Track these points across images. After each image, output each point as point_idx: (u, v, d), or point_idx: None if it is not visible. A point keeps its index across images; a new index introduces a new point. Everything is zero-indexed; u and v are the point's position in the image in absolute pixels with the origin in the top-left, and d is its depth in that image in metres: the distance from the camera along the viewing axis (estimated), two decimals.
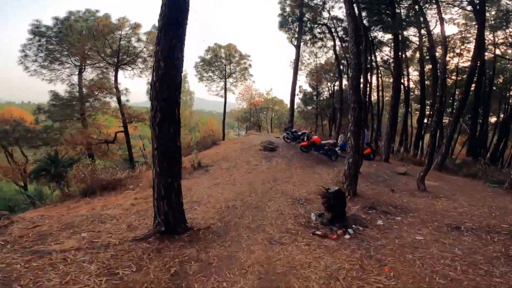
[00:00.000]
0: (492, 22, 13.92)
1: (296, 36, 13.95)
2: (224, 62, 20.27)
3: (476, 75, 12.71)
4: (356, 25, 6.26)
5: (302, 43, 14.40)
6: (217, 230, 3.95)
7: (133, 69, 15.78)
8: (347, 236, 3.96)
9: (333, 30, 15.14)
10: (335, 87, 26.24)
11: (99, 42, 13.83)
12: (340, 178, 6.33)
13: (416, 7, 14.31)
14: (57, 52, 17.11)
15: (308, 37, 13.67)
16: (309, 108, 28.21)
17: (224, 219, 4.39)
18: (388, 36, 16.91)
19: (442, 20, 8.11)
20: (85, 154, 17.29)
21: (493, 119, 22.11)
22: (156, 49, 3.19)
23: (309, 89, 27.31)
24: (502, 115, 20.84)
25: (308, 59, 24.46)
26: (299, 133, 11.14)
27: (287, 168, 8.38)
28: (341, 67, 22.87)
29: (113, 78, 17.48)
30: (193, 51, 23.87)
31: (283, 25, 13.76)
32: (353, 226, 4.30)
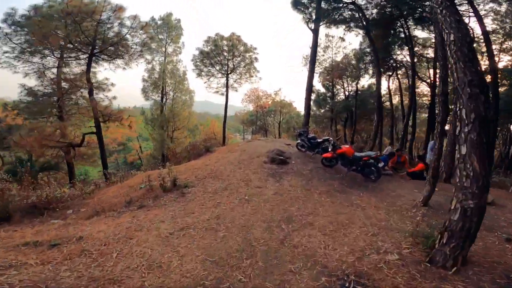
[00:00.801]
0: None
1: (314, 18, 11.10)
2: (226, 56, 17.51)
3: None
4: None
5: (322, 26, 11.53)
6: None
7: (113, 59, 13.19)
8: None
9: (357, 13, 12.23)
10: (352, 87, 23.38)
11: (71, 26, 11.39)
12: (423, 228, 3.35)
13: None
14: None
15: (330, 19, 10.74)
16: (322, 111, 25.21)
17: None
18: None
19: None
20: (63, 158, 14.87)
21: None
22: None
23: (322, 90, 24.36)
24: None
25: (323, 55, 21.63)
26: (319, 140, 8.16)
27: (307, 193, 5.40)
28: (361, 63, 19.98)
29: (98, 73, 15.08)
30: (193, 47, 21.36)
31: (297, 4, 10.91)
32: None
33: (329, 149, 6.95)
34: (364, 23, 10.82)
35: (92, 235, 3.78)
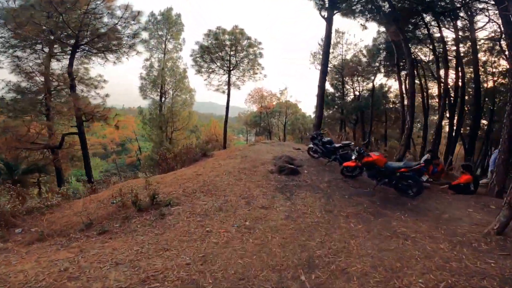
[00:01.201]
0: None
1: (327, 4, 9.75)
2: (228, 51, 16.18)
3: None
4: None
5: (338, 14, 10.12)
6: None
7: (102, 52, 11.90)
8: None
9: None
10: (362, 87, 21.93)
11: (54, 17, 10.22)
12: None
13: None
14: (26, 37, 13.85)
15: (348, 3, 9.27)
16: (330, 112, 23.74)
17: None
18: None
19: None
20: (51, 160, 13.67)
21: None
22: None
23: (331, 89, 22.90)
24: None
25: (332, 52, 20.18)
26: (336, 145, 6.73)
27: (329, 218, 3.99)
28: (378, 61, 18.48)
29: (91, 69, 13.93)
30: (191, 43, 20.09)
31: None
32: None
33: (353, 157, 5.53)
34: (391, 9, 9.40)
35: (8, 276, 2.47)
